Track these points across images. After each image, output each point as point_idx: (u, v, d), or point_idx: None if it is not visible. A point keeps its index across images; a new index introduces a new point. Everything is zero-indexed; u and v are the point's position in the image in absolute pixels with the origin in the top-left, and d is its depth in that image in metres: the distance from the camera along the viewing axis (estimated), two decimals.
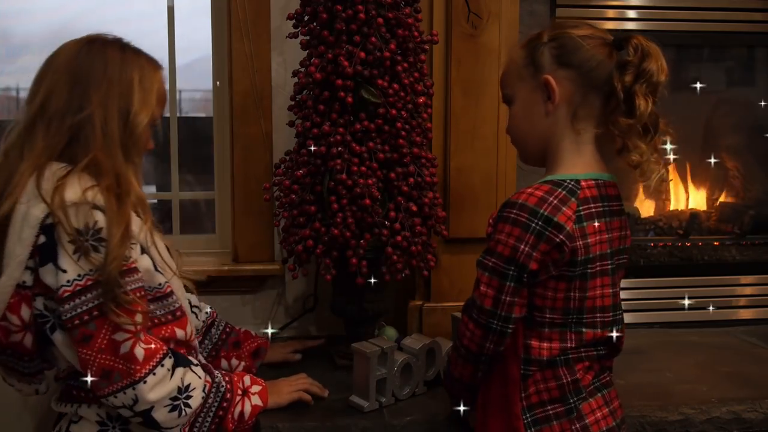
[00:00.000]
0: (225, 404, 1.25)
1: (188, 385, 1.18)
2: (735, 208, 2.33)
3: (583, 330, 1.18)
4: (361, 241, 1.57)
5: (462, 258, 1.78)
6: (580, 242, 1.13)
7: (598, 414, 1.19)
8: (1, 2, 2.16)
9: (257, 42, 1.90)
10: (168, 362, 1.16)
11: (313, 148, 1.55)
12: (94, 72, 1.21)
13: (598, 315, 1.19)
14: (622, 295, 2.12)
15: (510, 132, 1.27)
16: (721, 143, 2.31)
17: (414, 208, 1.60)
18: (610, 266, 1.20)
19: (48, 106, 1.19)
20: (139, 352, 1.12)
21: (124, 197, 1.16)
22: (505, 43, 1.75)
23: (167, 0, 1.99)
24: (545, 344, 1.16)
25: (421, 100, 1.61)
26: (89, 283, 1.11)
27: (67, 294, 1.10)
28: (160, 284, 1.22)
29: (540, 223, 1.11)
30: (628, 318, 2.12)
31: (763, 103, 2.30)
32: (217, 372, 1.28)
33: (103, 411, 1.20)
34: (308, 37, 1.61)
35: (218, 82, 2.00)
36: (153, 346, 1.15)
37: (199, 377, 1.21)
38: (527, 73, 1.20)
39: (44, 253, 1.12)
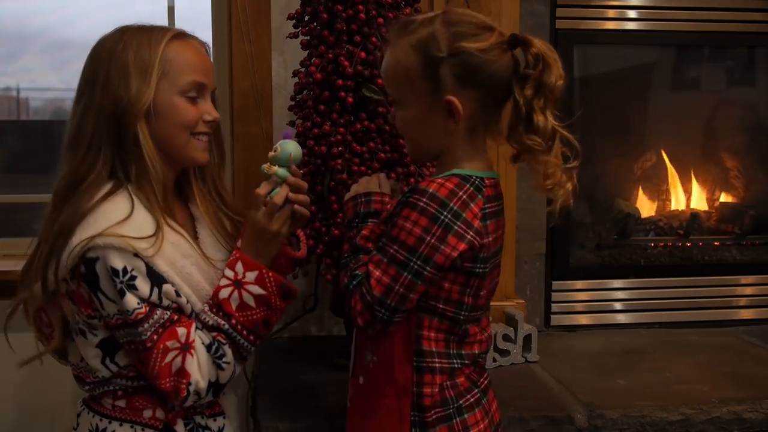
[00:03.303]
0: (240, 330, 1.18)
1: (217, 348, 1.16)
2: (735, 208, 2.33)
3: (469, 326, 1.14)
4: None
5: None
6: (486, 239, 1.10)
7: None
8: (2, 2, 2.17)
9: (257, 42, 1.90)
10: (197, 345, 1.15)
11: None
12: (86, 84, 1.19)
13: (480, 312, 1.16)
14: (623, 295, 2.17)
15: (400, 131, 1.20)
16: (722, 143, 2.31)
17: None
18: (492, 265, 1.16)
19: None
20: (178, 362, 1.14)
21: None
22: None
23: (167, 0, 1.99)
24: (433, 334, 1.12)
25: None
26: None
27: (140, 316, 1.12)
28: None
29: (449, 216, 1.06)
30: (628, 318, 2.16)
31: (763, 103, 2.30)
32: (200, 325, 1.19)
33: (95, 422, 1.21)
34: (308, 37, 1.61)
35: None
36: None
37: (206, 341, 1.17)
38: (425, 90, 1.11)
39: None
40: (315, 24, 1.59)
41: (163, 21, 1.99)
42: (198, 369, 1.14)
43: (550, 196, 1.11)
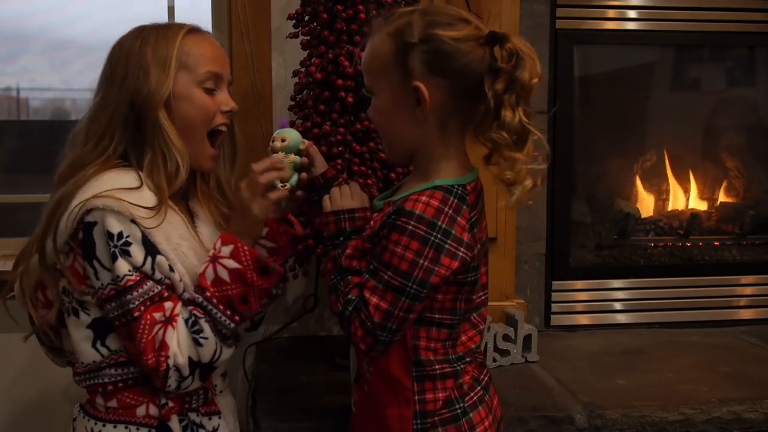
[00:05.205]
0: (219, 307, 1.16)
1: (194, 322, 1.15)
2: (735, 208, 2.33)
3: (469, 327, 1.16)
4: None
5: None
6: (475, 251, 1.09)
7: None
8: (2, 2, 2.17)
9: (257, 42, 1.90)
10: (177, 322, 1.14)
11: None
12: (104, 81, 1.22)
13: (474, 312, 1.17)
14: (623, 295, 2.17)
15: (374, 124, 1.19)
16: (722, 143, 2.31)
17: None
18: (480, 264, 1.15)
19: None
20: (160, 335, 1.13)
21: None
22: None
23: (167, 0, 1.99)
24: (432, 344, 1.12)
25: None
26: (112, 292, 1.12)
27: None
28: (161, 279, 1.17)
29: (439, 236, 1.05)
30: (628, 318, 2.16)
31: (763, 103, 2.30)
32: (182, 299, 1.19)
33: (90, 425, 1.20)
34: (308, 37, 1.61)
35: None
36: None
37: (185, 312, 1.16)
38: (396, 76, 1.09)
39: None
40: (315, 24, 1.59)
41: (163, 21, 1.99)
42: (177, 342, 1.13)
43: (508, 190, 1.08)
